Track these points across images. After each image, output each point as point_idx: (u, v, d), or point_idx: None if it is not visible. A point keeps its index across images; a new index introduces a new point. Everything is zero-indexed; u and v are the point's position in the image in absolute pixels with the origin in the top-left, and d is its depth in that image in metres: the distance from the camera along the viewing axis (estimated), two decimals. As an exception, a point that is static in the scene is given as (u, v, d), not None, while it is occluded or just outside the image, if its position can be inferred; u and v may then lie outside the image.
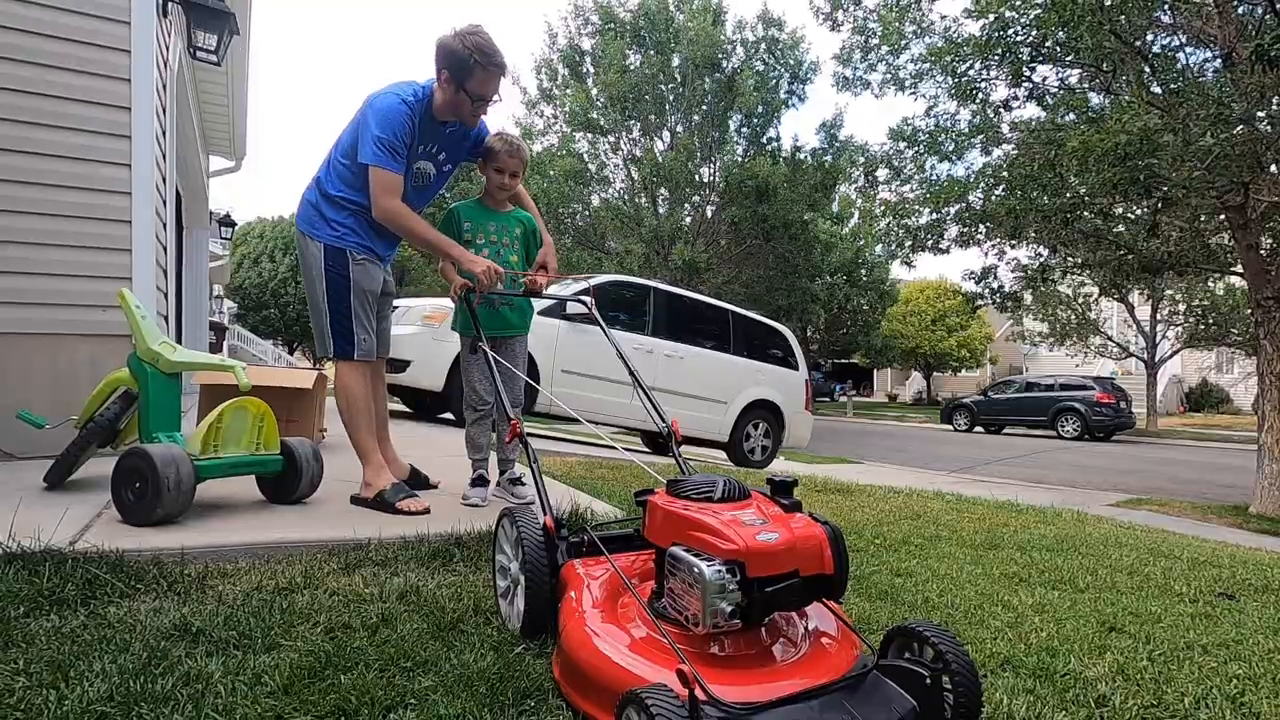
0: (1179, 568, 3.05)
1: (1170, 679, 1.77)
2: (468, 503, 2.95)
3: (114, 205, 3.66)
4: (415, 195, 2.84)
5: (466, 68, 2.59)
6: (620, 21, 17.97)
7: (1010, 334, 28.95)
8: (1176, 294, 18.04)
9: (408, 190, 2.75)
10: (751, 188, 16.94)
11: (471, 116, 2.75)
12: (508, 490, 3.19)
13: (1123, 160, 5.81)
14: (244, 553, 2.15)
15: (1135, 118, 5.67)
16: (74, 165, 3.56)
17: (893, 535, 3.28)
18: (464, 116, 2.74)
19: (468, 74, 2.60)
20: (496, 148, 2.88)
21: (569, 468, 4.49)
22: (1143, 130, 5.59)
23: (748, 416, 7.70)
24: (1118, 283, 9.83)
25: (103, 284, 3.54)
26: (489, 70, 2.61)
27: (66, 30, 3.53)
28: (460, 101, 2.67)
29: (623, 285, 7.57)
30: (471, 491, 3.00)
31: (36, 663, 1.42)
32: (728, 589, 1.29)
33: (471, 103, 2.67)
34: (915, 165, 8.68)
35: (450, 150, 2.89)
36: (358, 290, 2.79)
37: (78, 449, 2.72)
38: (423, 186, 2.88)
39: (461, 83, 2.62)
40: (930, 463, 11.93)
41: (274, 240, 38.52)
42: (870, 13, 8.43)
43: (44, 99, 3.49)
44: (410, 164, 2.75)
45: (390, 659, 1.54)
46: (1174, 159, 5.77)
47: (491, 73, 2.62)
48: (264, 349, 28.62)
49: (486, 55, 2.58)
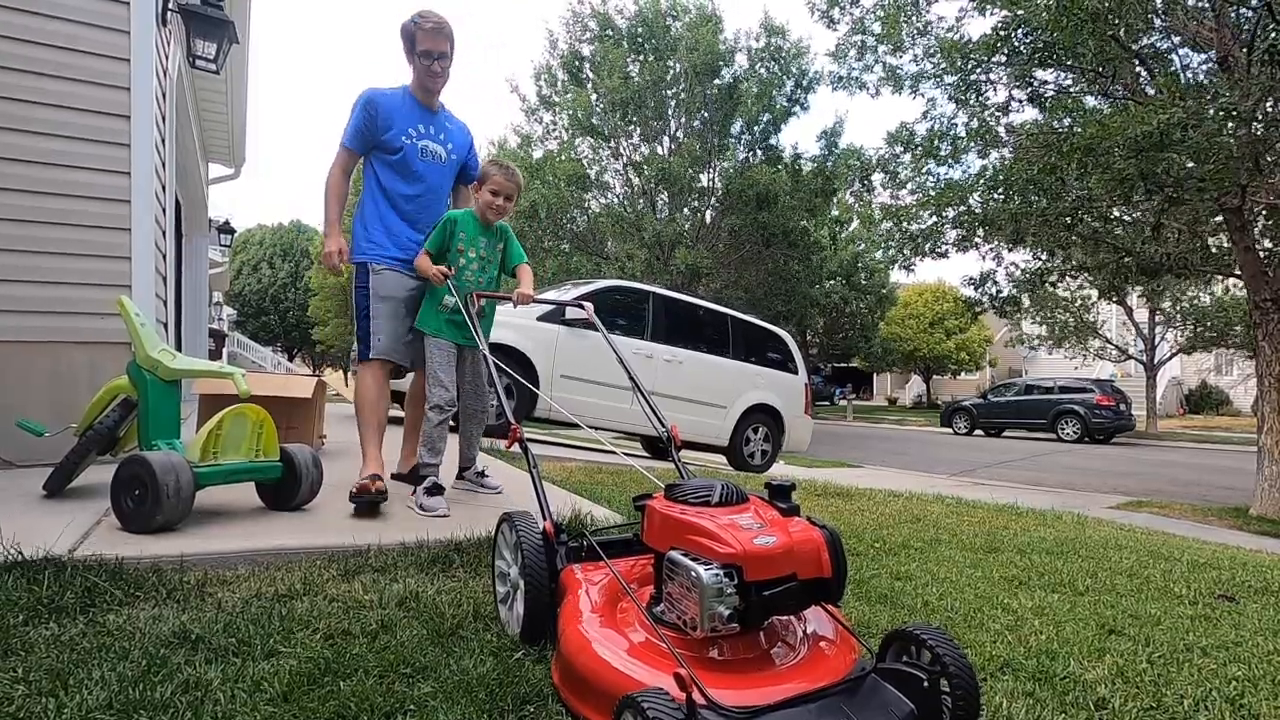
0: (1179, 570, 3.05)
1: (1170, 681, 1.76)
2: (430, 514, 2.78)
3: (113, 213, 3.67)
4: (434, 172, 3.16)
5: (411, 33, 3.01)
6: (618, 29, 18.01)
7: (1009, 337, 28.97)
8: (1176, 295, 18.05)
9: (419, 169, 3.11)
10: (752, 195, 16.96)
11: (429, 76, 3.06)
12: (476, 483, 3.27)
13: (1138, 153, 5.77)
14: (243, 560, 2.15)
15: (1156, 110, 5.62)
16: (73, 173, 3.58)
17: (893, 539, 3.28)
18: (425, 81, 3.08)
19: (413, 38, 3.01)
20: (492, 172, 3.02)
21: (569, 473, 4.50)
22: (1163, 124, 5.53)
23: (748, 421, 7.70)
24: (1116, 285, 9.83)
25: (102, 291, 3.55)
26: (425, 29, 3.00)
27: (66, 39, 3.55)
28: (418, 67, 3.05)
29: (622, 290, 7.58)
30: (431, 501, 2.84)
31: (36, 671, 1.42)
32: (725, 593, 1.29)
33: (424, 62, 3.03)
34: (913, 170, 8.69)
35: (455, 138, 3.22)
36: (376, 297, 3.06)
37: (77, 456, 2.73)
38: (439, 164, 3.18)
39: (412, 47, 3.02)
40: (930, 466, 11.92)
41: (273, 246, 38.59)
42: (868, 11, 8.45)
43: (43, 107, 3.51)
44: (407, 142, 3.07)
45: (390, 665, 1.54)
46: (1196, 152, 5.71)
47: (429, 30, 2.99)
48: (263, 355, 28.62)
49: (423, 16, 3.00)
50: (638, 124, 17.87)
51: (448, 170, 3.22)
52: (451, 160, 3.22)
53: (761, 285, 18.77)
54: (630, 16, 18.17)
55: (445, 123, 3.21)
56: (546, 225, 17.45)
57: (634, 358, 6.63)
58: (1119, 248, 8.17)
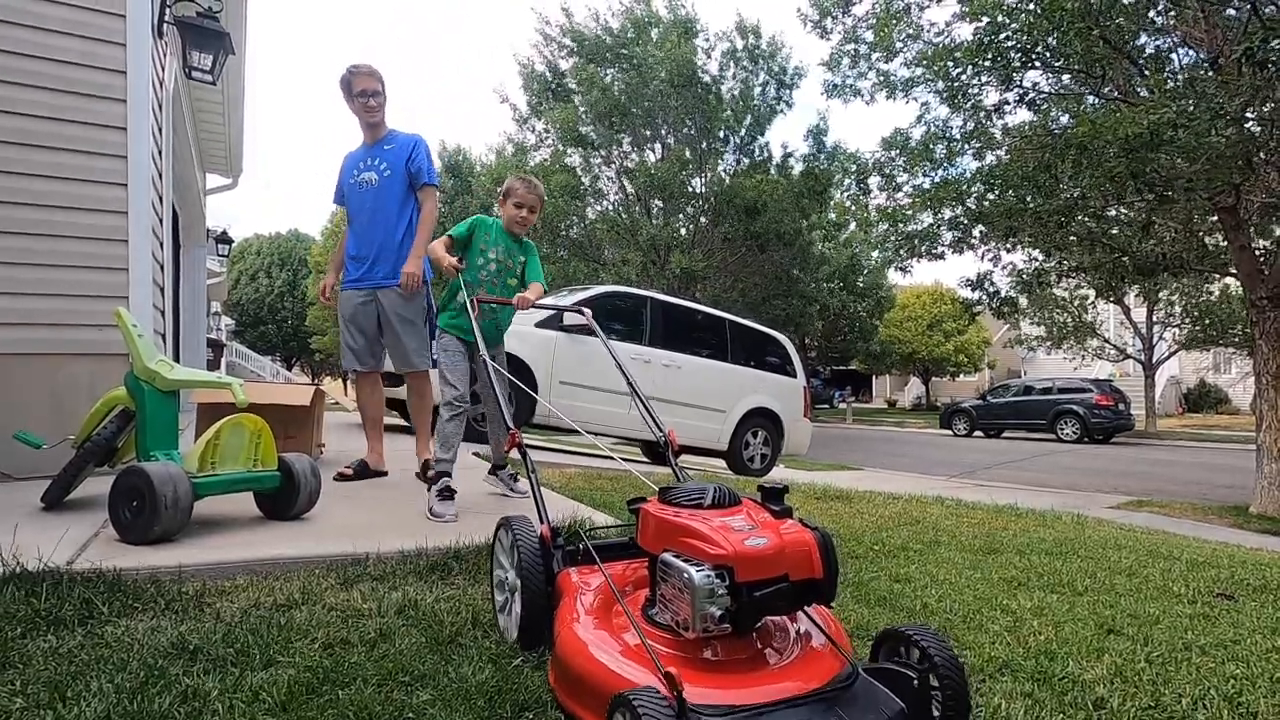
0: (1178, 569, 3.05)
1: (1168, 680, 1.77)
2: (439, 520, 2.77)
3: (110, 225, 3.68)
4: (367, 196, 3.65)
5: (348, 81, 3.58)
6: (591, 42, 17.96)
7: (1008, 338, 29.00)
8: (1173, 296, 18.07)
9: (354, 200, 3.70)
10: (740, 204, 17.00)
11: (365, 110, 3.61)
12: (508, 484, 3.38)
13: (1129, 153, 5.80)
14: (242, 569, 2.15)
15: (1147, 111, 5.65)
16: (70, 186, 3.59)
17: (892, 541, 3.28)
18: (363, 116, 3.64)
19: (349, 84, 3.58)
20: (515, 186, 3.19)
21: (568, 479, 4.49)
22: (1153, 124, 5.57)
23: (747, 424, 7.70)
24: (1113, 285, 9.85)
25: (99, 303, 3.56)
26: (359, 74, 3.57)
27: (62, 52, 3.56)
28: (356, 106, 3.61)
29: (620, 296, 7.59)
30: (441, 507, 2.83)
31: (34, 683, 1.42)
32: (717, 593, 1.30)
33: (360, 100, 3.58)
34: (909, 173, 8.71)
35: (389, 157, 3.64)
36: (340, 318, 3.72)
37: (75, 468, 2.73)
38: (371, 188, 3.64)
39: (351, 93, 3.59)
40: (930, 468, 11.92)
41: (270, 256, 38.60)
42: (860, 20, 8.49)
43: (40, 120, 3.52)
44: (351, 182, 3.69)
45: (388, 674, 1.54)
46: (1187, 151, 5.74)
47: (362, 74, 3.56)
48: (262, 364, 28.62)
49: (356, 66, 3.59)
50: (627, 132, 17.89)
51: (383, 190, 3.61)
52: (386, 179, 3.60)
53: (759, 289, 18.78)
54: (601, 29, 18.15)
55: (383, 146, 3.65)
56: (543, 233, 17.46)
57: (632, 363, 6.63)
58: (1115, 247, 8.20)
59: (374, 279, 3.59)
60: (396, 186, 3.59)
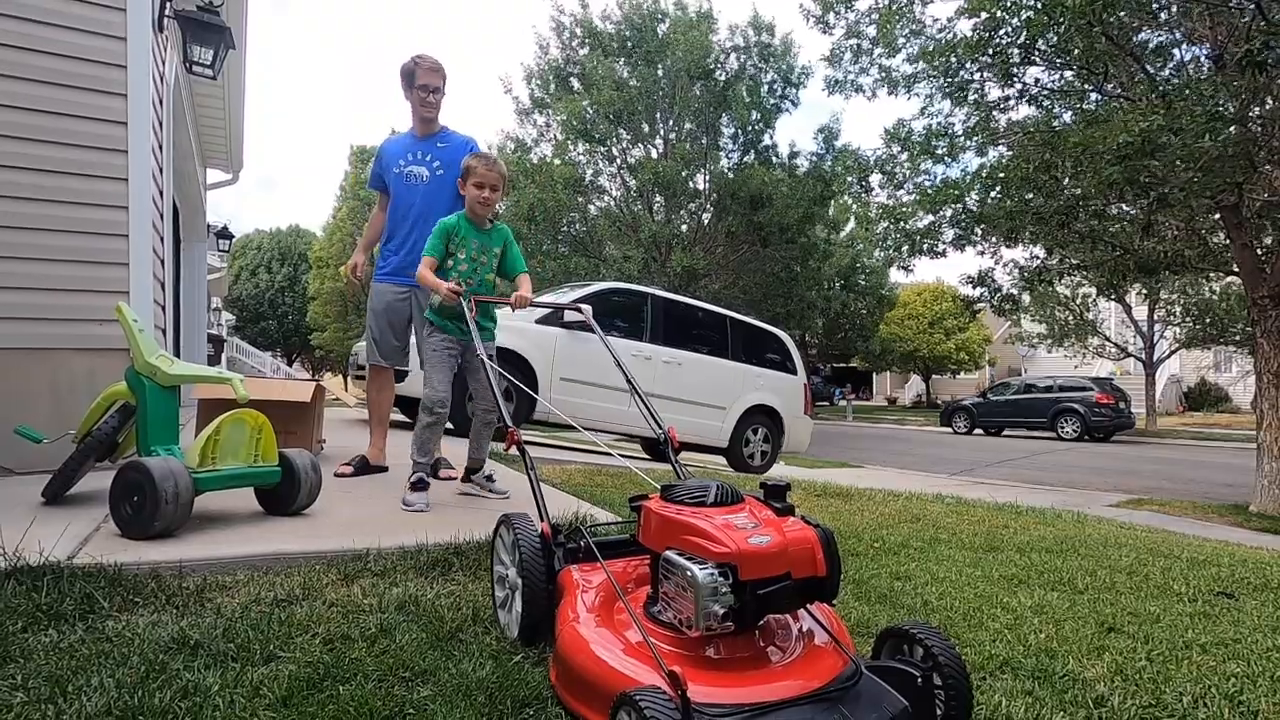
0: (1178, 567, 3.05)
1: (1169, 678, 1.77)
2: (411, 509, 2.88)
3: (111, 219, 3.67)
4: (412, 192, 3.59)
5: (410, 71, 3.53)
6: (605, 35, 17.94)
7: (1008, 336, 28.98)
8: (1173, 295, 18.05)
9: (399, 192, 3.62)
10: (745, 196, 16.96)
11: (424, 106, 3.54)
12: (483, 487, 3.31)
13: (1121, 160, 5.80)
14: (242, 565, 2.15)
15: (1139, 118, 5.65)
16: (70, 180, 3.58)
17: (892, 539, 3.28)
18: (420, 110, 3.56)
19: (412, 74, 3.51)
20: (473, 164, 3.03)
21: (568, 476, 4.49)
22: (1144, 131, 5.57)
23: (747, 421, 7.70)
24: (1114, 283, 9.83)
25: (100, 298, 3.55)
26: (423, 68, 3.51)
27: (62, 46, 3.55)
28: (415, 98, 3.53)
29: (620, 292, 7.58)
30: (414, 497, 2.94)
31: (35, 678, 1.42)
32: (720, 591, 1.29)
33: (420, 94, 3.52)
34: (911, 169, 8.69)
35: (444, 155, 3.58)
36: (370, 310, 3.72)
37: (76, 463, 2.73)
38: (420, 184, 3.59)
39: (411, 83, 3.52)
40: (930, 465, 11.92)
41: (271, 251, 38.53)
42: (863, 15, 8.46)
43: (40, 115, 3.51)
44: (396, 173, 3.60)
45: (389, 669, 1.54)
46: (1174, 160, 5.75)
47: (426, 68, 3.51)
48: (263, 360, 28.61)
49: (422, 57, 3.53)
50: (628, 128, 17.86)
51: (433, 187, 3.57)
52: (438, 177, 3.56)
53: (760, 286, 18.76)
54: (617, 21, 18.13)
55: (436, 143, 3.60)
56: (545, 228, 17.44)
57: (633, 360, 6.63)
58: (1116, 245, 8.18)
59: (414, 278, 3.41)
60: (449, 187, 3.50)
